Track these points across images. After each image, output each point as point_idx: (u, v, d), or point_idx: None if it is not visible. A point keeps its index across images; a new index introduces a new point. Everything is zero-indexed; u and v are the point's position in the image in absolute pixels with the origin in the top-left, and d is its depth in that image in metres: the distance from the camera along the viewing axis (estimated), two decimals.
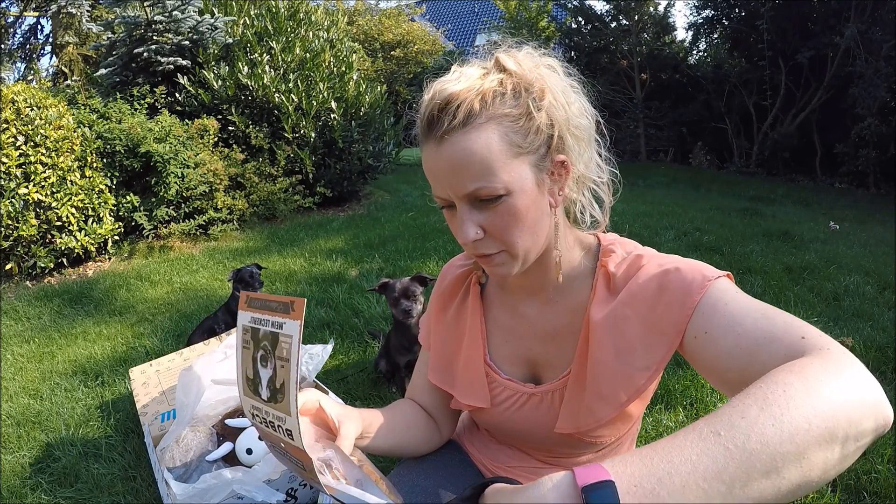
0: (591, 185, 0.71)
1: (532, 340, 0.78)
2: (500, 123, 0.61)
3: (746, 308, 0.57)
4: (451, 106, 0.60)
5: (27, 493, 1.46)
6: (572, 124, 0.65)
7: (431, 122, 0.62)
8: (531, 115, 0.62)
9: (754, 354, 0.53)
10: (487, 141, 0.60)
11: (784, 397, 0.41)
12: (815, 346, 0.48)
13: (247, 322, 0.60)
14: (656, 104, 9.81)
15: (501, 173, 0.61)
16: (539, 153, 0.63)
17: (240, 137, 4.68)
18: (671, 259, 0.68)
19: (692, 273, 0.63)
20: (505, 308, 0.81)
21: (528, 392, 0.78)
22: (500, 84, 0.62)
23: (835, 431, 0.40)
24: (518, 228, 0.64)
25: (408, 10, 14.44)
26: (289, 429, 0.54)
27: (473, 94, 0.61)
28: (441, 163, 0.62)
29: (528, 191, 0.63)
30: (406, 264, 3.21)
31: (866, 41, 6.84)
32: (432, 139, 0.62)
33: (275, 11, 5.12)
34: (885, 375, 1.84)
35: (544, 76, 0.64)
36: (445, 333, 0.87)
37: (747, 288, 2.62)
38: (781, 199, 6.09)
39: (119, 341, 2.41)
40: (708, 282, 0.61)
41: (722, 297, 0.60)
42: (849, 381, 0.44)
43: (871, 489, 1.32)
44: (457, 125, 0.60)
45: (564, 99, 0.65)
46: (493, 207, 0.63)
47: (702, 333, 0.59)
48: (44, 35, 9.93)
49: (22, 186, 3.14)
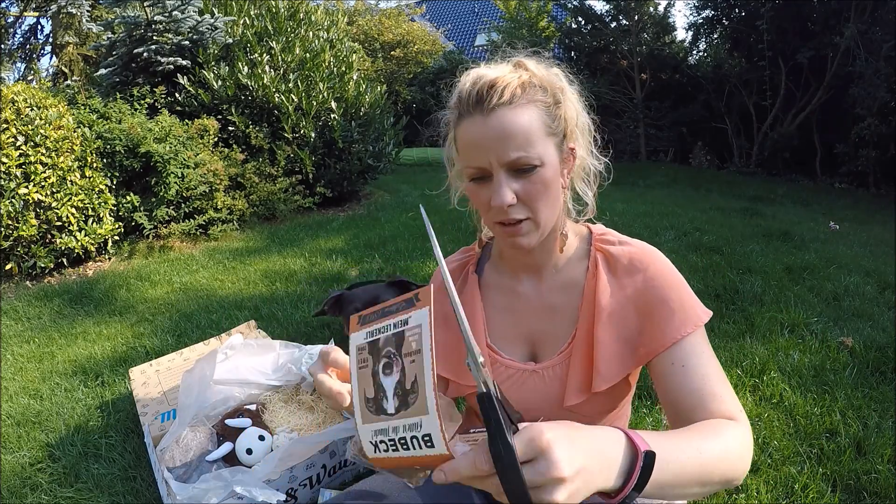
0: (584, 177, 0.82)
1: (530, 317, 0.84)
2: (537, 107, 0.71)
3: (713, 362, 0.72)
4: (499, 86, 0.70)
5: (27, 493, 1.46)
6: (579, 121, 0.77)
7: (481, 97, 0.70)
8: (559, 105, 0.73)
9: (706, 402, 0.68)
10: (529, 118, 0.70)
11: (718, 442, 0.60)
12: (738, 418, 0.66)
13: (361, 341, 0.55)
14: (656, 104, 9.81)
15: (538, 146, 0.71)
16: (560, 137, 0.74)
17: (240, 137, 4.68)
18: (676, 278, 0.77)
19: (691, 307, 0.74)
20: (503, 290, 0.87)
21: (528, 370, 0.82)
22: (529, 77, 0.73)
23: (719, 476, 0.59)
24: (545, 198, 0.73)
25: (408, 10, 14.44)
26: (426, 434, 0.47)
27: (516, 80, 0.71)
28: (489, 132, 0.70)
29: (554, 166, 0.73)
30: (406, 264, 3.21)
31: (866, 41, 6.84)
32: (479, 112, 0.70)
33: (275, 11, 5.12)
34: (885, 375, 1.85)
35: (557, 77, 0.76)
36: (445, 324, 0.90)
37: (747, 288, 2.62)
38: (781, 199, 6.09)
39: (119, 341, 2.41)
40: (700, 323, 0.73)
41: (702, 342, 0.73)
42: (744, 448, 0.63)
43: (871, 489, 1.32)
44: (505, 101, 0.69)
45: (573, 98, 0.77)
46: (527, 176, 0.71)
47: (679, 365, 0.71)
48: (44, 35, 9.93)
49: (22, 186, 3.14)
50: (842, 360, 1.94)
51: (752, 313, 2.36)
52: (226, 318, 2.54)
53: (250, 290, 2.97)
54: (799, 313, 2.33)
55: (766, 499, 1.30)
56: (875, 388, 1.77)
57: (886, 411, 1.63)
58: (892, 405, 1.66)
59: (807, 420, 1.60)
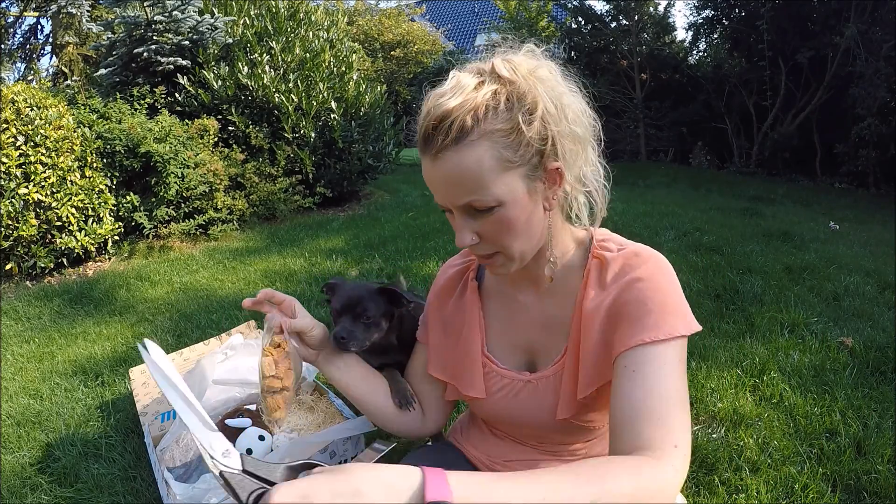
0: (589, 186, 0.74)
1: (529, 328, 0.81)
2: (492, 139, 0.63)
3: (674, 382, 0.63)
4: (445, 123, 0.62)
5: (27, 493, 1.46)
6: (567, 130, 0.67)
7: (427, 138, 0.65)
8: (522, 130, 0.63)
9: (640, 421, 0.61)
10: (479, 158, 0.62)
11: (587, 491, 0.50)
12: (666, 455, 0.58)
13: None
14: (656, 104, 9.80)
15: (493, 187, 0.64)
16: (531, 164, 0.65)
17: (240, 137, 4.68)
18: (665, 282, 0.70)
19: (673, 315, 0.67)
20: (502, 299, 0.85)
21: (523, 380, 0.81)
22: (493, 96, 0.64)
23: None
24: (511, 235, 0.68)
25: (408, 10, 14.44)
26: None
27: (465, 110, 0.62)
28: (437, 176, 0.66)
29: (519, 201, 0.66)
30: (406, 264, 3.21)
31: (866, 41, 6.83)
32: (428, 154, 0.65)
33: (275, 11, 5.12)
34: (885, 375, 1.85)
35: (539, 84, 0.65)
36: (443, 329, 0.90)
37: (747, 288, 2.62)
38: (781, 199, 6.08)
39: (119, 341, 2.41)
40: (676, 333, 0.65)
41: (672, 355, 0.65)
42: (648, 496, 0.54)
43: (871, 489, 1.32)
44: (449, 143, 0.63)
45: (559, 106, 0.66)
46: (486, 217, 0.66)
47: (630, 370, 0.65)
48: (44, 35, 9.93)
49: (22, 186, 3.14)
50: (842, 360, 1.94)
51: (752, 313, 2.35)
52: (226, 318, 2.54)
53: (250, 290, 2.97)
54: (799, 313, 2.33)
55: (766, 499, 1.30)
56: (875, 388, 1.77)
57: (886, 411, 1.63)
58: (892, 405, 1.66)
59: (807, 420, 1.60)
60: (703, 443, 1.49)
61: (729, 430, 1.55)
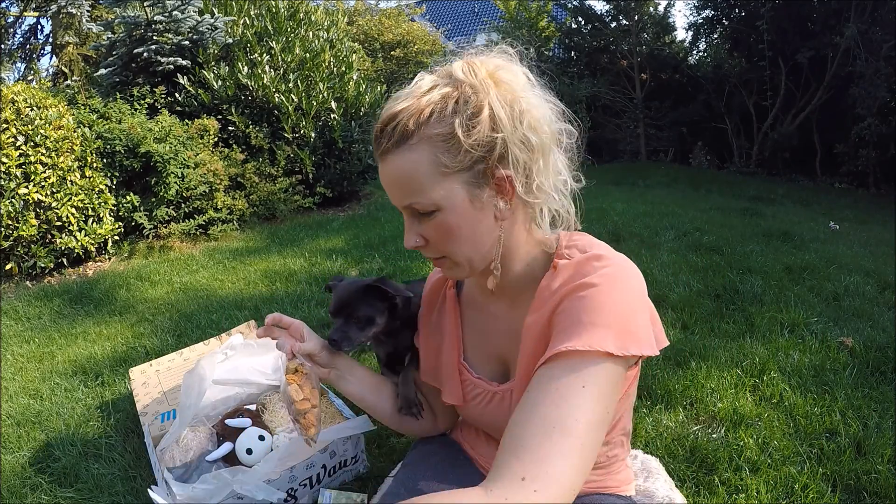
0: (548, 197, 0.69)
1: (500, 338, 0.81)
2: (431, 143, 0.62)
3: (569, 409, 0.55)
4: (390, 126, 0.64)
5: (27, 493, 1.46)
6: (520, 137, 0.63)
7: (376, 139, 0.66)
8: (460, 135, 0.61)
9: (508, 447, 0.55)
10: (416, 162, 0.63)
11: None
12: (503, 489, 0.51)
13: None
14: (656, 104, 9.80)
15: (430, 192, 0.64)
16: (474, 170, 0.64)
17: (240, 137, 4.68)
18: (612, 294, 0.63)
19: (606, 328, 0.59)
20: (478, 309, 0.85)
21: (492, 390, 0.82)
22: (441, 99, 0.63)
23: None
24: (452, 241, 0.67)
25: (408, 10, 14.43)
26: None
27: (409, 114, 0.63)
28: (384, 177, 0.67)
29: (459, 207, 0.65)
30: (406, 264, 3.21)
31: (866, 41, 6.83)
32: (377, 155, 0.67)
33: (275, 11, 5.12)
34: (885, 375, 1.84)
35: (493, 88, 0.63)
36: (430, 335, 0.93)
37: (747, 288, 2.62)
38: (781, 199, 6.08)
39: (119, 341, 2.41)
40: (601, 349, 0.58)
41: (585, 376, 0.57)
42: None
43: (871, 489, 1.32)
44: (391, 146, 0.64)
45: (513, 112, 0.63)
46: (428, 220, 0.66)
47: (532, 384, 0.61)
48: (44, 35, 9.94)
49: (22, 186, 3.14)
50: (842, 360, 1.94)
51: (752, 313, 2.35)
52: (226, 318, 2.54)
53: (250, 290, 2.97)
54: (799, 313, 2.33)
55: (766, 499, 1.30)
56: (875, 388, 1.77)
57: (886, 411, 1.63)
58: (892, 405, 1.66)
59: (807, 420, 1.60)
60: (703, 443, 1.49)
61: (729, 430, 1.55)
